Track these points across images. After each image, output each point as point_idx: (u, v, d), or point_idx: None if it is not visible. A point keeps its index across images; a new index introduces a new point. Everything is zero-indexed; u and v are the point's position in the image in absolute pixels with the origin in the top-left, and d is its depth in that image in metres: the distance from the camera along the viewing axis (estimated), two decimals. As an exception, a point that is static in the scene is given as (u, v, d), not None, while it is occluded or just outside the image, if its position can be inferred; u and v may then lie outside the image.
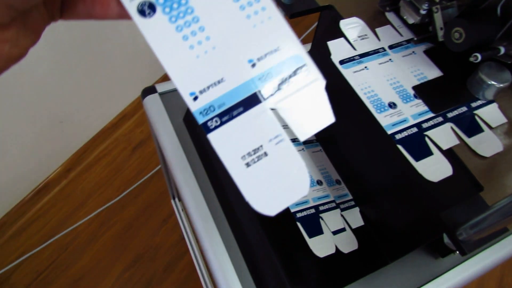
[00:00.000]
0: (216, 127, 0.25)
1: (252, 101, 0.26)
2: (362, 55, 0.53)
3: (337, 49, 0.53)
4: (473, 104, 0.51)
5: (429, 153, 0.46)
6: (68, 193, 1.45)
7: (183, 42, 0.25)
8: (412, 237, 0.52)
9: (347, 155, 0.60)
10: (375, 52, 0.54)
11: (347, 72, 0.51)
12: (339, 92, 0.57)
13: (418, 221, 0.50)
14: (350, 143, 0.59)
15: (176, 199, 1.16)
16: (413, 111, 0.49)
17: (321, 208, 0.57)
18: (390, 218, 0.55)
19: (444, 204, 0.45)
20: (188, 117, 0.66)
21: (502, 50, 0.49)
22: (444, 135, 0.47)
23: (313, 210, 0.56)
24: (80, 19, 0.26)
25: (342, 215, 0.58)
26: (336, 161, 0.63)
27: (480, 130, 0.48)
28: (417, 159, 0.45)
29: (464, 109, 0.50)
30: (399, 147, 0.46)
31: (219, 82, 0.25)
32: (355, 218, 0.59)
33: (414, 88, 0.51)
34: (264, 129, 0.26)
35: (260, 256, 0.56)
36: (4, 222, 1.35)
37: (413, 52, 0.55)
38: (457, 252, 0.57)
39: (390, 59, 0.53)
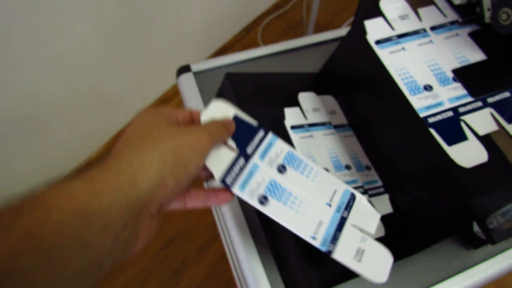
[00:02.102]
0: (334, 249, 0.40)
1: (341, 225, 0.42)
2: (400, 36, 0.51)
3: (374, 29, 0.51)
4: (517, 90, 0.48)
5: (463, 138, 0.44)
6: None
7: (288, 208, 0.41)
8: (443, 226, 0.50)
9: (378, 140, 0.59)
10: (415, 33, 0.52)
11: (383, 53, 0.49)
12: (373, 73, 0.56)
13: (449, 209, 0.48)
14: (382, 127, 0.57)
15: (209, 182, 1.18)
16: (451, 94, 0.47)
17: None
18: (420, 205, 0.53)
19: (477, 191, 0.42)
20: (221, 96, 0.66)
21: (553, 32, 0.46)
22: (482, 120, 0.45)
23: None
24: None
25: (369, 201, 0.57)
26: (367, 146, 0.61)
27: (523, 117, 0.46)
28: (450, 143, 0.43)
29: (507, 94, 0.47)
30: (431, 130, 0.44)
31: (320, 223, 0.41)
32: (384, 205, 0.57)
33: (454, 71, 0.49)
34: (354, 237, 0.42)
35: (289, 254, 0.55)
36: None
37: (457, 34, 0.52)
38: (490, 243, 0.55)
39: (430, 41, 0.51)
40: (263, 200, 0.40)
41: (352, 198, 0.45)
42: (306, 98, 0.66)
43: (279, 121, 0.61)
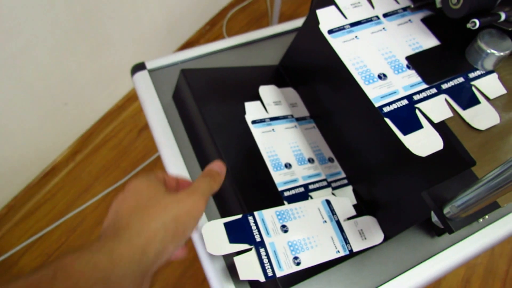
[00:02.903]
0: (350, 245, 0.51)
1: (340, 227, 0.52)
2: (353, 24, 0.50)
3: (326, 18, 0.50)
4: (471, 75, 0.47)
5: (419, 126, 0.43)
6: (75, 176, 1.46)
7: (311, 249, 0.49)
8: (405, 216, 0.50)
9: (339, 131, 0.58)
10: (368, 20, 0.51)
11: (336, 42, 0.48)
12: (326, 62, 0.54)
13: (409, 199, 0.48)
14: (342, 119, 0.56)
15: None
16: (405, 82, 0.46)
17: (310, 186, 0.55)
18: (382, 196, 0.52)
19: (433, 180, 0.42)
20: (178, 94, 0.64)
21: (503, 16, 0.46)
22: (436, 108, 0.44)
23: (302, 189, 0.54)
24: None
25: (333, 193, 0.56)
26: (329, 138, 0.60)
27: (477, 101, 0.45)
28: (405, 133, 0.42)
29: (460, 80, 0.47)
30: (387, 120, 0.43)
31: (332, 239, 0.51)
32: (348, 196, 0.57)
33: (408, 58, 0.48)
34: (353, 227, 0.52)
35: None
36: (12, 206, 1.37)
37: (410, 20, 0.51)
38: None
39: (383, 28, 0.50)
40: (296, 260, 0.47)
41: (328, 203, 0.54)
42: (266, 91, 0.64)
43: (239, 116, 0.59)
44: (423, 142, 0.41)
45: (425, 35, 0.50)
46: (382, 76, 0.46)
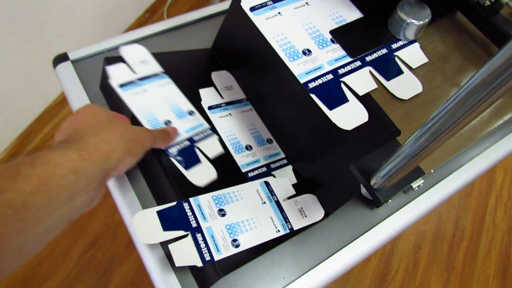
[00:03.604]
0: (291, 224, 0.51)
1: (280, 207, 0.52)
2: (275, 0, 0.49)
3: (248, -4, 0.48)
4: (394, 46, 0.48)
5: (344, 100, 0.43)
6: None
7: (251, 230, 0.49)
8: (342, 190, 0.50)
9: (273, 111, 0.57)
10: (291, -4, 0.50)
11: (258, 19, 0.47)
12: (252, 42, 0.53)
13: (344, 173, 0.48)
14: (274, 99, 0.56)
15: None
16: (329, 56, 0.46)
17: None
18: (319, 173, 0.52)
19: (359, 153, 0.42)
20: (104, 84, 0.61)
21: (420, -16, 0.46)
22: (361, 80, 0.44)
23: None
24: None
25: (272, 174, 0.56)
26: (265, 119, 0.59)
27: (400, 72, 0.46)
28: (331, 107, 0.42)
29: (384, 51, 0.47)
30: (313, 96, 0.42)
31: (272, 219, 0.51)
32: (288, 176, 0.56)
33: (332, 32, 0.47)
34: (292, 206, 0.52)
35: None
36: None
37: (332, -6, 0.51)
38: (390, 200, 0.56)
39: (306, 3, 0.49)
40: (235, 243, 0.47)
41: (267, 184, 0.53)
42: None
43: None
44: (349, 116, 0.41)
45: (348, 8, 0.50)
46: (306, 52, 0.45)
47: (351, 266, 0.55)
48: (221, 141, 0.55)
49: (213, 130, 0.56)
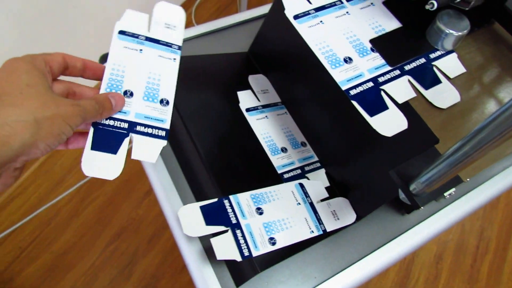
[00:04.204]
0: (324, 226, 0.53)
1: (314, 209, 0.54)
2: (317, 9, 0.51)
3: (291, 4, 0.50)
4: (432, 55, 0.49)
5: (384, 107, 0.44)
6: (47, 169, 1.43)
7: (286, 229, 0.51)
8: (375, 195, 0.51)
9: (309, 115, 0.59)
10: (332, 5, 0.51)
11: (302, 27, 0.49)
12: (293, 48, 0.55)
13: (378, 179, 0.49)
14: (311, 103, 0.57)
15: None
16: (370, 65, 0.47)
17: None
18: (353, 177, 0.54)
19: (399, 159, 0.43)
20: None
21: (460, -4, 0.47)
22: (400, 89, 0.46)
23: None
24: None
25: (306, 177, 0.57)
26: (300, 122, 0.61)
27: (438, 81, 0.47)
28: (372, 114, 0.43)
29: (422, 60, 0.48)
30: (354, 103, 0.44)
31: (306, 220, 0.53)
32: (321, 179, 0.58)
33: (371, 41, 0.49)
34: (325, 208, 0.55)
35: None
36: (-17, 201, 1.34)
37: (372, 3, 0.52)
38: (421, 207, 0.57)
39: (347, 12, 0.51)
40: (272, 241, 0.48)
41: (302, 186, 0.55)
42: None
43: (215, 104, 0.59)
44: (389, 123, 0.43)
45: (387, 18, 0.51)
46: (347, 60, 0.47)
47: (381, 270, 0.56)
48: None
49: (249, 129, 0.58)
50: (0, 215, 1.35)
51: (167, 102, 0.46)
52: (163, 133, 0.44)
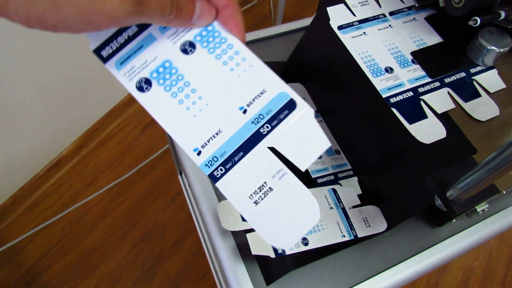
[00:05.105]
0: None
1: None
2: (361, 21, 0.53)
3: (336, 15, 0.53)
4: (472, 70, 0.50)
5: (423, 116, 0.45)
6: (80, 169, 1.49)
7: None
8: (407, 205, 0.52)
9: (345, 123, 0.60)
10: (375, 18, 0.53)
11: (345, 37, 0.51)
12: (335, 57, 0.57)
13: (411, 187, 0.50)
14: (348, 111, 0.59)
15: (183, 175, 1.18)
16: (410, 75, 0.49)
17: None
18: (385, 186, 0.55)
19: (437, 165, 0.44)
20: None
21: (503, 14, 0.48)
22: (440, 99, 0.47)
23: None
24: None
25: (339, 183, 0.59)
26: (335, 131, 0.63)
27: (478, 95, 0.48)
28: (411, 122, 0.45)
29: (462, 74, 0.50)
30: (394, 110, 0.46)
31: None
32: (353, 186, 0.59)
33: (413, 53, 0.51)
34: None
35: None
36: (18, 196, 1.39)
37: (414, 18, 0.54)
38: (453, 220, 0.57)
39: (389, 25, 0.53)
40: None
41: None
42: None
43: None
44: (427, 131, 0.44)
45: (429, 33, 0.53)
46: (389, 70, 0.49)
47: (409, 280, 0.57)
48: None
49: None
50: (33, 212, 1.40)
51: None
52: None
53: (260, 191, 0.29)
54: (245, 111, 0.30)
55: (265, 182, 0.29)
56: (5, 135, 1.21)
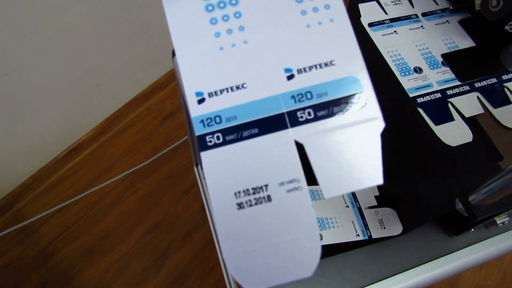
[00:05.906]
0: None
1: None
2: (393, 20, 0.52)
3: (368, 12, 0.52)
4: (504, 77, 0.49)
5: (450, 118, 0.45)
6: (98, 155, 1.51)
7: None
8: (425, 210, 0.51)
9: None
10: (407, 18, 0.53)
11: (375, 35, 0.50)
12: (365, 54, 0.56)
13: (433, 190, 0.49)
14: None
15: (199, 166, 1.18)
16: (439, 77, 0.48)
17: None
18: (403, 189, 0.54)
19: (461, 169, 0.44)
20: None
21: (541, 21, 0.47)
22: (468, 103, 0.46)
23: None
24: None
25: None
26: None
27: (508, 102, 0.47)
28: (437, 123, 0.44)
29: (493, 80, 0.48)
30: (420, 110, 0.45)
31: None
32: (370, 187, 0.58)
33: (443, 55, 0.50)
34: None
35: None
36: (37, 177, 1.42)
37: (447, 21, 0.53)
38: (472, 230, 0.56)
39: (421, 26, 0.52)
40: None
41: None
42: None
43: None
44: (454, 133, 0.43)
45: (462, 36, 0.52)
46: (417, 70, 0.48)
47: (421, 286, 0.55)
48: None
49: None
50: (50, 193, 1.42)
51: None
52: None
53: (254, 193, 0.20)
54: (291, 77, 0.20)
55: (265, 186, 0.20)
56: (30, 117, 1.24)
